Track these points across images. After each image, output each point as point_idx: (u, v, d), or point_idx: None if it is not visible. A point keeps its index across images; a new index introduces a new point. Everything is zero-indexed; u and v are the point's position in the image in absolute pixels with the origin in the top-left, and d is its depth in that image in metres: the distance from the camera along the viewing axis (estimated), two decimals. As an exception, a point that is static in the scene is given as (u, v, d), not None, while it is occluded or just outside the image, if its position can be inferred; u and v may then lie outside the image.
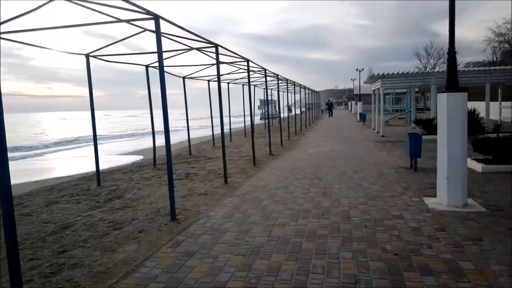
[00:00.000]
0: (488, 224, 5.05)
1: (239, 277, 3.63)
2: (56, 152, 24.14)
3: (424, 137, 11.10)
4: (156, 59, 10.03)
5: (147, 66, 10.90)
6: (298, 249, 4.30)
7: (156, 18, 5.49)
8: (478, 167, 8.71)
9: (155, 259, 4.13)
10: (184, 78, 13.65)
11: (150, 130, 11.61)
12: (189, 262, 4.01)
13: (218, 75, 8.10)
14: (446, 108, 5.91)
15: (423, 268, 3.73)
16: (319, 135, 20.97)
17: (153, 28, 5.59)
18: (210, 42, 7.77)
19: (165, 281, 3.60)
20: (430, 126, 17.00)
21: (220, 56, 10.59)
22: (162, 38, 7.51)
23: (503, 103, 22.56)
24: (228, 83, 19.35)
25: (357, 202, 6.36)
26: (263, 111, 42.23)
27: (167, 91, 5.79)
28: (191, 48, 8.32)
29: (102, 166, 14.92)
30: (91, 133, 9.07)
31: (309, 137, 20.12)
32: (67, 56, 8.23)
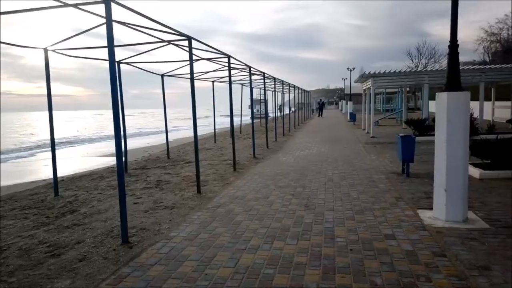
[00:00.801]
0: (494, 246, 4.29)
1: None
2: (42, 153, 23.02)
3: (415, 138, 10.33)
4: (129, 53, 9.58)
5: (118, 62, 9.99)
6: (268, 285, 3.47)
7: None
8: (475, 173, 7.99)
9: (87, 301, 3.27)
10: (162, 75, 12.75)
11: (141, 130, 10.81)
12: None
13: (191, 71, 7.24)
14: (446, 109, 5.14)
15: (422, 315, 2.94)
16: (308, 136, 20.20)
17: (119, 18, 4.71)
18: (182, 34, 6.91)
19: None
20: (421, 127, 16.36)
21: (199, 52, 9.83)
22: (131, 31, 6.74)
23: (496, 103, 22.03)
24: (213, 81, 18.49)
25: (344, 216, 5.56)
26: (254, 110, 41.39)
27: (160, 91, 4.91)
28: (162, 41, 7.45)
29: (76, 170, 14.10)
30: (79, 134, 8.16)
31: (297, 138, 19.33)
32: (56, 54, 7.68)
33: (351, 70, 56.05)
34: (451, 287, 3.35)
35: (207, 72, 14.67)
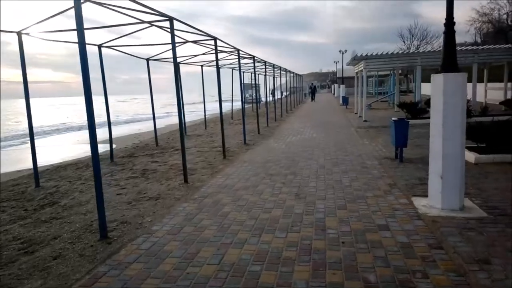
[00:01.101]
0: (493, 236, 4.09)
1: None
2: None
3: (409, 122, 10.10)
4: (114, 37, 9.12)
5: (100, 46, 9.54)
6: (254, 285, 3.23)
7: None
8: (470, 157, 7.79)
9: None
10: (148, 60, 12.29)
11: (134, 116, 10.44)
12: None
13: (174, 55, 6.86)
14: (442, 91, 4.86)
15: (419, 316, 2.72)
16: (300, 120, 19.92)
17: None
18: (162, 15, 6.50)
19: None
20: (414, 110, 16.15)
21: (184, 34, 9.40)
22: (116, 14, 6.32)
23: (489, 85, 21.86)
24: (202, 65, 18.01)
25: (335, 205, 5.33)
26: (246, 95, 40.97)
27: (154, 76, 4.56)
28: (142, 21, 7.03)
29: (63, 158, 13.69)
30: (69, 121, 7.78)
31: (289, 123, 19.04)
32: (45, 41, 7.33)
33: (343, 53, 55.48)
34: (450, 284, 3.14)
35: (196, 56, 14.25)
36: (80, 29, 4.20)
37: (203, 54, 13.03)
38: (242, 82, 16.30)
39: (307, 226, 4.56)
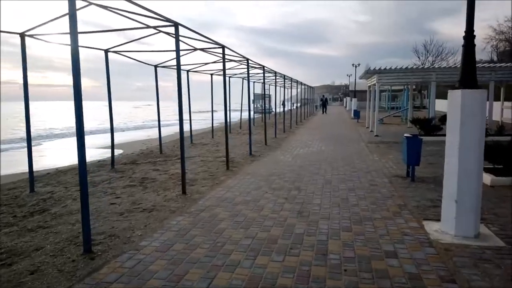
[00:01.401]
0: (513, 270, 3.67)
1: None
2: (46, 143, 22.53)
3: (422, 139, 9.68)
4: (120, 42, 8.98)
5: (106, 51, 9.39)
6: (242, 316, 2.88)
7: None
8: (486, 179, 7.33)
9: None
10: (156, 66, 12.14)
11: (145, 123, 10.25)
12: None
13: (178, 61, 6.62)
14: (460, 109, 4.49)
15: None
16: (309, 133, 19.55)
17: None
18: (168, 20, 6.29)
19: None
20: (428, 127, 15.67)
21: (192, 41, 9.20)
22: (118, 17, 6.14)
23: (505, 103, 21.25)
24: (211, 74, 17.84)
25: (340, 227, 4.96)
26: (257, 105, 40.85)
27: (165, 84, 4.33)
28: (147, 26, 6.83)
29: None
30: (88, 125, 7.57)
31: (298, 134, 18.70)
32: (61, 45, 7.25)
33: (356, 66, 55.12)
34: (464, 327, 2.74)
35: (206, 64, 14.05)
36: (73, 32, 3.98)
37: (212, 62, 12.84)
38: (250, 92, 16.06)
39: (308, 249, 4.20)
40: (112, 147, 9.85)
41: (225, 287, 3.32)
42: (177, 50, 6.46)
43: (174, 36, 6.42)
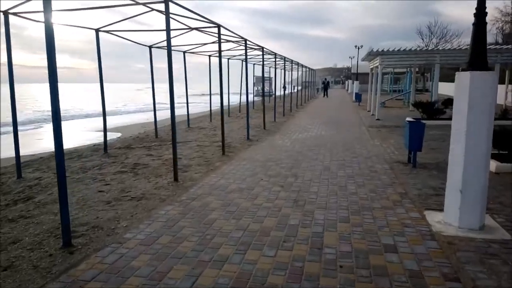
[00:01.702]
0: (522, 267, 3.41)
1: None
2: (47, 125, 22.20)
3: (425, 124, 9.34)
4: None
5: (97, 30, 8.99)
6: (226, 320, 2.64)
7: None
8: (491, 165, 7.02)
9: None
10: (150, 47, 11.72)
11: (147, 105, 9.96)
12: None
13: (168, 40, 6.24)
14: (468, 92, 4.17)
15: None
16: (309, 116, 19.20)
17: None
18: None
19: None
20: (431, 110, 15.30)
21: (187, 20, 8.75)
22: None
23: (510, 86, 20.78)
24: (209, 56, 17.38)
25: (337, 217, 4.70)
26: (258, 88, 40.27)
27: (163, 65, 3.96)
28: (137, 3, 6.44)
29: (66, 145, 13.13)
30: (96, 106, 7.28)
31: (298, 118, 18.35)
32: (62, 26, 6.93)
33: (358, 48, 54.16)
34: (469, 334, 2.50)
35: (204, 44, 13.57)
36: (47, 7, 3.62)
37: (209, 43, 12.40)
38: (248, 74, 15.67)
39: (302, 242, 3.94)
40: (105, 131, 9.55)
41: (210, 287, 3.07)
42: (167, 29, 6.08)
43: (164, 13, 6.02)
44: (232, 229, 4.30)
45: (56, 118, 3.72)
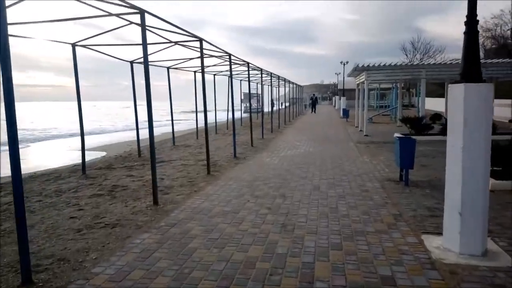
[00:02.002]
0: (534, 300, 3.08)
1: None
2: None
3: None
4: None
5: (74, 45, 8.62)
6: None
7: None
8: (486, 183, 6.78)
9: None
10: (132, 62, 11.38)
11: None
12: None
13: (145, 54, 5.91)
14: (462, 106, 3.91)
15: None
16: (297, 133, 18.96)
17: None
18: (132, 7, 5.57)
19: None
20: (419, 126, 15.19)
21: (169, 34, 8.46)
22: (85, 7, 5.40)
23: (496, 101, 20.94)
24: (195, 72, 17.10)
25: (329, 244, 4.33)
26: (246, 104, 40.13)
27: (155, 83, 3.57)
28: (109, 14, 6.11)
29: (46, 166, 12.66)
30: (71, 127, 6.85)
31: (286, 135, 18.09)
32: (49, 44, 6.52)
33: (344, 64, 54.83)
34: None
35: (190, 59, 13.20)
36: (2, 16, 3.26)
37: (194, 58, 12.11)
38: (233, 90, 15.39)
39: (290, 275, 3.55)
40: (83, 151, 9.07)
41: (185, 334, 2.65)
42: (144, 42, 5.75)
43: (140, 25, 5.70)
44: (213, 260, 3.88)
45: (14, 139, 3.29)
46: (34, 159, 15.51)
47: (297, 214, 5.47)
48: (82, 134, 8.91)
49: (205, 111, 8.62)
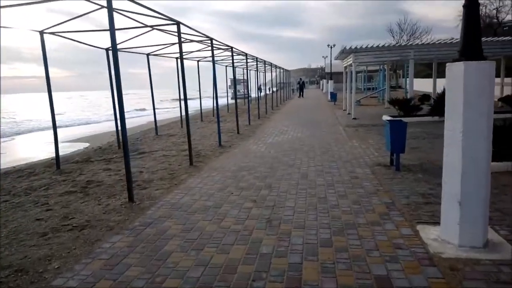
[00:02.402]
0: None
1: None
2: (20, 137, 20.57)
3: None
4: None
5: (42, 32, 7.98)
6: None
7: None
8: (480, 165, 6.50)
9: None
10: (107, 49, 10.74)
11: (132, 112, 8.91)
12: None
13: (113, 39, 5.37)
14: (462, 86, 3.53)
15: None
16: (285, 118, 18.54)
17: None
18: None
19: None
20: (407, 107, 14.93)
21: (138, 16, 7.87)
22: None
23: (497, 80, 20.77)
24: (176, 58, 16.43)
25: (317, 239, 3.97)
26: (233, 90, 39.46)
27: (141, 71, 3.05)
28: None
29: (24, 159, 12.05)
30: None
31: (273, 121, 17.66)
32: (31, 34, 5.87)
33: (331, 47, 54.12)
34: None
35: (171, 45, 12.57)
36: None
37: (173, 44, 11.50)
38: (215, 75, 14.80)
39: (276, 279, 3.18)
40: (56, 144, 8.51)
41: None
42: (111, 27, 5.20)
43: (106, 7, 5.15)
44: (190, 265, 3.48)
45: None
46: (15, 153, 14.84)
47: (284, 206, 5.09)
48: (54, 127, 8.35)
49: (185, 99, 8.12)
